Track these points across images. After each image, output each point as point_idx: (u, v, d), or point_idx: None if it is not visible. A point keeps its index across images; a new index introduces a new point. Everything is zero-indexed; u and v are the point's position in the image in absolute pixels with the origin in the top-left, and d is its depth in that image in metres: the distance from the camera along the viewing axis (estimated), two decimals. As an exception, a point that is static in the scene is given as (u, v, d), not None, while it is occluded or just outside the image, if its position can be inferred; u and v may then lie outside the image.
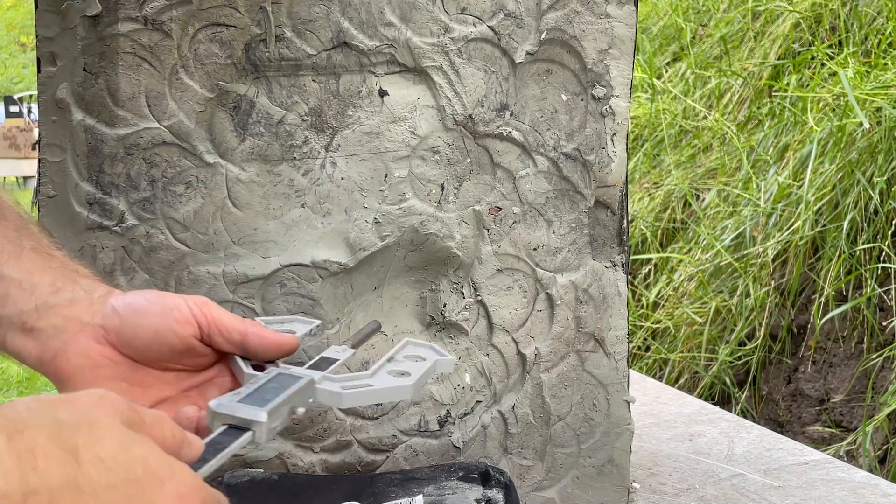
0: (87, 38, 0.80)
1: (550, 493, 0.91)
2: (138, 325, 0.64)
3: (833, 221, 1.91)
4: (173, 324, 0.64)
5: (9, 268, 0.64)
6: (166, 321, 0.64)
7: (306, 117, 0.84)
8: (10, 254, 0.65)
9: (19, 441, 0.40)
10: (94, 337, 0.64)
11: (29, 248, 0.66)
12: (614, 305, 0.90)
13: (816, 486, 0.99)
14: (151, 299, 0.65)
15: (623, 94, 0.87)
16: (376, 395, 0.67)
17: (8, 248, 0.65)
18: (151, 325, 0.64)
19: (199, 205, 0.84)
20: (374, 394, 0.66)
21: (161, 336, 0.64)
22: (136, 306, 0.64)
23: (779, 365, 2.00)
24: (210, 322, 0.65)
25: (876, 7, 2.22)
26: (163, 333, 0.64)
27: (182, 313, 0.64)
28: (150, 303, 0.65)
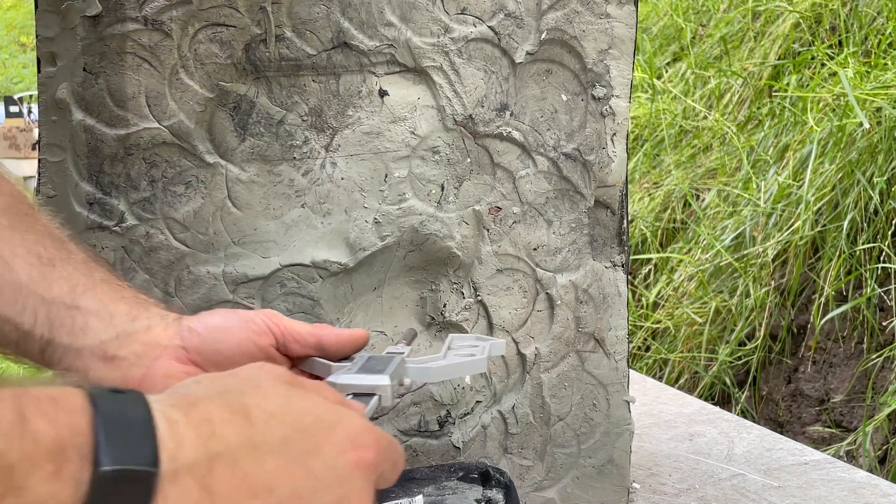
0: (87, 38, 0.80)
1: (550, 493, 0.91)
2: (219, 341, 0.66)
3: (833, 221, 1.91)
4: (252, 335, 0.67)
5: (85, 299, 0.66)
6: (246, 333, 0.67)
7: (306, 117, 0.84)
8: (85, 285, 0.66)
9: (195, 413, 0.42)
10: (175, 358, 0.66)
11: (100, 280, 0.67)
12: (614, 305, 0.90)
13: (816, 487, 0.99)
14: (227, 316, 0.68)
15: (623, 94, 0.87)
16: (459, 369, 0.71)
17: (82, 281, 0.66)
18: (233, 338, 0.66)
19: (198, 205, 0.84)
20: (456, 367, 0.71)
21: (243, 348, 0.66)
22: (213, 324, 0.67)
23: (779, 365, 2.00)
24: (283, 331, 0.68)
25: (876, 7, 2.22)
26: (244, 346, 0.66)
27: (258, 325, 0.67)
28: (227, 319, 0.67)
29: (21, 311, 0.64)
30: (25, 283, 0.64)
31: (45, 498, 0.36)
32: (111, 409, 0.39)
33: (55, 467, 0.36)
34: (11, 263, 0.64)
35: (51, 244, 0.67)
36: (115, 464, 0.37)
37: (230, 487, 0.41)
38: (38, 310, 0.64)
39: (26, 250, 0.64)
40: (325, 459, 0.45)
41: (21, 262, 0.64)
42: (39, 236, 0.66)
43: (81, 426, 0.38)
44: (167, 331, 0.66)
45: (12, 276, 0.63)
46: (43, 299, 0.64)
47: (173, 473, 0.39)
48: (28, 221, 0.66)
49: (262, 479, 0.42)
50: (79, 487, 0.37)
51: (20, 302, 0.64)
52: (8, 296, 0.64)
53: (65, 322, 0.65)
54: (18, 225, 0.65)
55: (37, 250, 0.65)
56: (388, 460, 0.49)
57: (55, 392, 0.39)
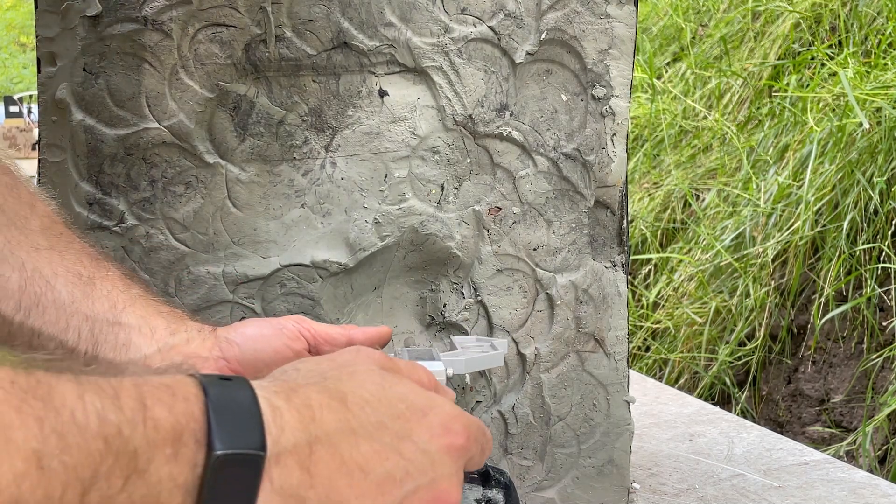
0: (87, 39, 0.80)
1: (550, 493, 0.91)
2: (258, 350, 0.70)
3: (833, 221, 1.91)
4: (287, 341, 0.70)
5: (126, 315, 0.68)
6: (281, 340, 0.70)
7: (306, 117, 0.84)
8: (125, 302, 0.69)
9: (296, 399, 0.45)
10: (217, 368, 0.69)
11: (138, 296, 0.70)
12: (614, 305, 0.90)
13: (816, 487, 0.99)
14: (261, 326, 0.72)
15: (623, 94, 0.87)
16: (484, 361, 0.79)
17: (122, 297, 0.69)
18: (269, 347, 0.70)
19: (198, 205, 0.84)
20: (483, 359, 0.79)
21: (280, 354, 0.70)
22: (249, 334, 0.70)
23: (779, 365, 2.00)
24: (314, 335, 0.72)
25: (876, 7, 2.22)
26: (281, 352, 0.70)
27: (291, 331, 0.71)
28: (261, 328, 0.71)
29: (65, 329, 0.66)
30: (68, 302, 0.66)
31: (164, 479, 0.39)
32: (220, 396, 0.42)
33: (174, 451, 0.39)
34: (53, 283, 0.66)
35: (89, 262, 0.69)
36: (226, 448, 0.40)
37: (329, 469, 0.44)
38: (81, 327, 0.67)
39: (66, 269, 0.67)
40: (418, 443, 0.48)
41: (62, 281, 0.66)
42: (77, 255, 0.68)
43: (196, 413, 0.41)
44: (205, 342, 0.70)
45: (54, 295, 0.66)
46: (86, 317, 0.67)
47: (277, 456, 0.42)
48: (65, 241, 0.69)
49: (358, 461, 0.45)
50: (195, 469, 0.40)
51: (63, 320, 0.66)
52: (52, 315, 0.66)
53: (108, 338, 0.68)
54: (57, 245, 0.67)
55: (76, 269, 0.67)
56: (478, 444, 0.52)
57: (171, 381, 0.42)
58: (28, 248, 0.65)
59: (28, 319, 0.66)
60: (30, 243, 0.66)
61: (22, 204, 0.66)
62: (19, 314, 0.65)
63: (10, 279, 0.64)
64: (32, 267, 0.65)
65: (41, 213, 0.68)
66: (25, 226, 0.66)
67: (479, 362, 0.79)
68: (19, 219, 0.66)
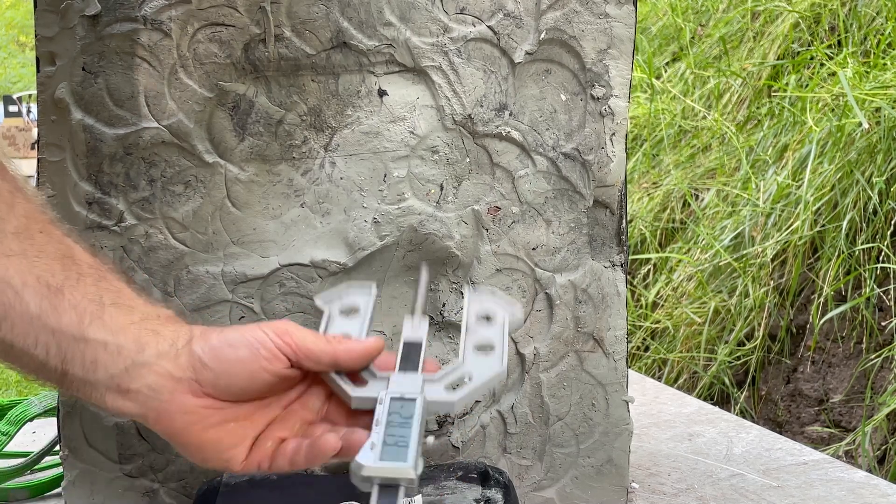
0: (86, 38, 0.80)
1: (549, 492, 0.91)
2: (230, 374, 0.66)
3: (832, 221, 1.91)
4: (263, 363, 0.66)
5: (93, 329, 0.65)
6: (257, 361, 0.66)
7: (305, 117, 0.84)
8: (93, 314, 0.65)
9: None
10: (190, 391, 0.65)
11: (109, 304, 0.66)
12: (613, 305, 0.90)
13: (815, 486, 0.99)
14: (237, 346, 0.66)
15: (622, 93, 0.87)
16: (479, 391, 0.69)
17: (90, 309, 0.65)
18: (244, 370, 0.66)
19: (197, 204, 0.84)
20: (476, 391, 0.69)
21: (255, 376, 0.66)
22: (222, 355, 0.66)
23: (778, 365, 2.00)
24: (296, 350, 0.66)
25: (875, 7, 2.22)
26: (256, 374, 0.66)
27: (269, 350, 0.66)
28: (237, 349, 0.66)
29: (34, 343, 0.64)
30: (36, 315, 0.63)
31: None
32: None
33: None
34: (22, 294, 0.63)
35: (60, 269, 0.65)
36: None
37: None
38: (48, 343, 0.64)
39: (36, 279, 0.64)
40: None
41: (31, 292, 0.63)
42: (49, 261, 0.65)
43: None
44: (178, 360, 0.66)
45: (22, 307, 0.63)
46: (52, 331, 0.64)
47: None
48: (38, 245, 0.65)
49: None
50: None
51: (32, 335, 0.64)
52: (20, 328, 0.63)
53: (75, 355, 0.65)
54: (29, 250, 0.64)
55: (46, 278, 0.64)
56: None
57: None
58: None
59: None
60: (1, 250, 0.63)
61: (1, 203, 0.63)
62: None
63: None
64: (1, 276, 0.62)
65: (20, 212, 0.65)
66: (1, 229, 0.63)
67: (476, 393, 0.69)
68: None
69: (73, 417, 0.87)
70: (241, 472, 0.68)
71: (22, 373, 0.68)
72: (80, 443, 0.87)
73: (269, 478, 0.83)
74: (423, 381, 0.68)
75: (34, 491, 1.04)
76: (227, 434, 0.67)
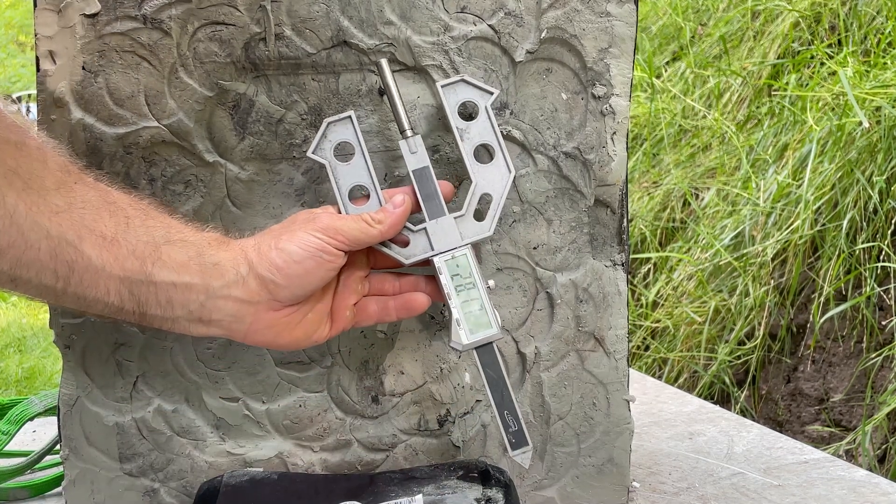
0: (85, 37, 0.80)
1: (550, 492, 0.91)
2: (303, 285, 0.73)
3: (832, 221, 1.91)
4: (328, 266, 0.73)
5: (157, 272, 0.68)
6: (322, 267, 0.73)
7: (306, 116, 0.84)
8: (152, 257, 0.69)
9: None
10: (270, 309, 0.72)
11: (164, 243, 0.70)
12: (614, 304, 0.90)
13: (816, 485, 0.99)
14: (297, 256, 0.72)
15: (623, 92, 0.87)
16: (501, 206, 0.81)
17: (147, 252, 0.68)
18: (314, 278, 0.73)
19: (198, 203, 0.84)
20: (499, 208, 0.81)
21: (324, 278, 0.74)
22: (291, 272, 0.72)
23: (778, 364, 2.00)
24: (351, 244, 0.74)
25: (875, 6, 2.22)
26: (325, 277, 0.74)
27: (329, 253, 0.73)
28: (300, 262, 0.72)
29: (105, 292, 0.67)
30: (100, 267, 0.66)
31: None
32: None
33: None
34: (81, 248, 0.65)
35: (108, 216, 0.68)
36: None
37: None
38: (120, 290, 0.67)
39: (89, 231, 0.66)
40: None
41: (88, 245, 0.65)
42: (96, 211, 0.67)
43: None
44: (249, 286, 0.71)
45: (85, 261, 0.65)
46: (120, 280, 0.67)
47: None
48: (81, 193, 0.67)
49: None
50: None
51: (102, 285, 0.66)
52: (89, 280, 0.66)
53: (149, 297, 0.68)
54: (75, 203, 0.66)
55: (99, 229, 0.66)
56: None
57: None
58: (48, 214, 0.64)
59: (69, 287, 0.65)
60: (49, 207, 0.64)
61: (34, 161, 0.64)
62: (60, 282, 0.65)
63: (40, 249, 0.63)
64: (57, 233, 0.64)
65: (54, 166, 0.66)
66: (42, 186, 0.64)
67: None
68: (35, 180, 0.64)
69: (74, 417, 0.87)
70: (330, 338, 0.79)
71: (104, 318, 0.71)
72: (81, 442, 0.87)
73: (270, 477, 0.83)
74: (456, 222, 0.79)
75: (34, 490, 1.04)
76: (309, 324, 0.76)
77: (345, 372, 0.88)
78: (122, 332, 0.85)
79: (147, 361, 0.86)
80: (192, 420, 0.88)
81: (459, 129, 0.80)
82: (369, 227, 0.75)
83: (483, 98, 0.81)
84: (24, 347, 3.87)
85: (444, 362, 0.89)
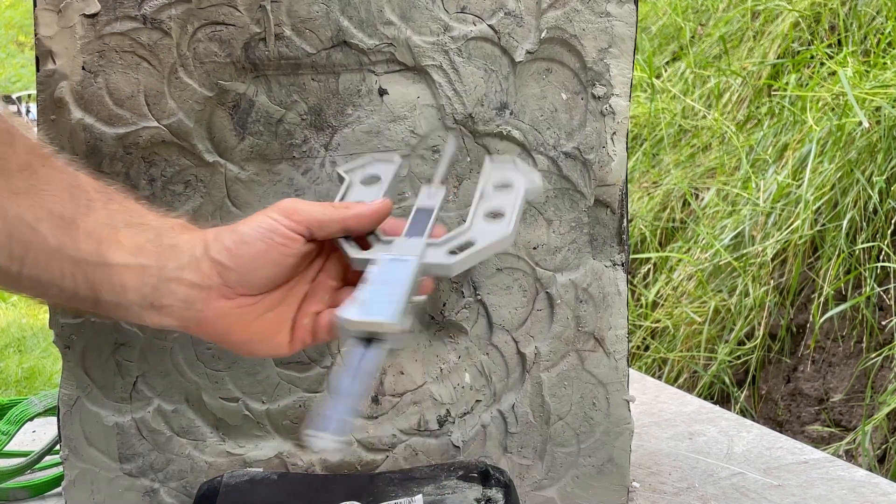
0: (85, 37, 0.80)
1: (550, 492, 0.91)
2: (254, 269, 0.68)
3: (832, 221, 1.91)
4: (281, 249, 0.69)
5: (112, 253, 0.66)
6: (274, 249, 0.68)
7: (306, 116, 0.84)
8: (109, 239, 0.67)
9: None
10: (222, 296, 0.68)
11: (123, 226, 0.68)
12: (614, 305, 0.90)
13: (816, 485, 0.99)
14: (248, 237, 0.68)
15: (623, 92, 0.87)
16: (480, 255, 0.69)
17: (105, 233, 0.67)
18: (265, 261, 0.68)
19: (198, 204, 0.84)
20: (478, 254, 0.69)
21: (278, 263, 0.69)
22: (240, 253, 0.68)
23: (778, 364, 2.00)
24: (308, 224, 0.69)
25: (875, 6, 2.22)
26: (278, 261, 0.69)
27: (281, 234, 0.68)
28: (250, 242, 0.68)
29: (60, 276, 0.65)
30: (56, 248, 0.64)
31: None
32: None
33: None
34: (38, 228, 0.64)
35: (69, 199, 0.66)
36: None
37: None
38: (74, 273, 0.65)
39: (48, 212, 0.64)
40: None
41: (45, 226, 0.64)
42: (58, 192, 0.66)
43: None
44: (201, 269, 0.68)
45: (41, 241, 0.64)
46: (76, 262, 0.65)
47: None
48: (44, 176, 0.66)
49: None
50: None
51: (57, 267, 0.65)
52: (43, 262, 0.64)
53: (103, 281, 0.66)
54: (36, 184, 0.65)
55: (58, 210, 0.65)
56: None
57: None
58: (7, 194, 0.63)
59: (24, 269, 0.64)
60: (9, 188, 0.63)
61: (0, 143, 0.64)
62: (14, 264, 0.64)
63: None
64: (14, 214, 0.63)
65: (21, 148, 0.65)
66: (4, 167, 0.63)
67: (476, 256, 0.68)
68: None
69: (74, 417, 0.87)
70: (289, 355, 0.72)
71: (58, 305, 0.69)
72: (81, 442, 0.87)
73: (270, 477, 0.83)
74: (426, 246, 0.69)
75: (34, 490, 1.04)
76: (268, 324, 0.70)
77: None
78: (122, 333, 0.85)
79: (147, 361, 0.86)
80: (191, 420, 0.88)
81: (485, 193, 0.74)
82: (332, 210, 0.71)
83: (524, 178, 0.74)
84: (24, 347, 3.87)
85: (444, 362, 0.89)
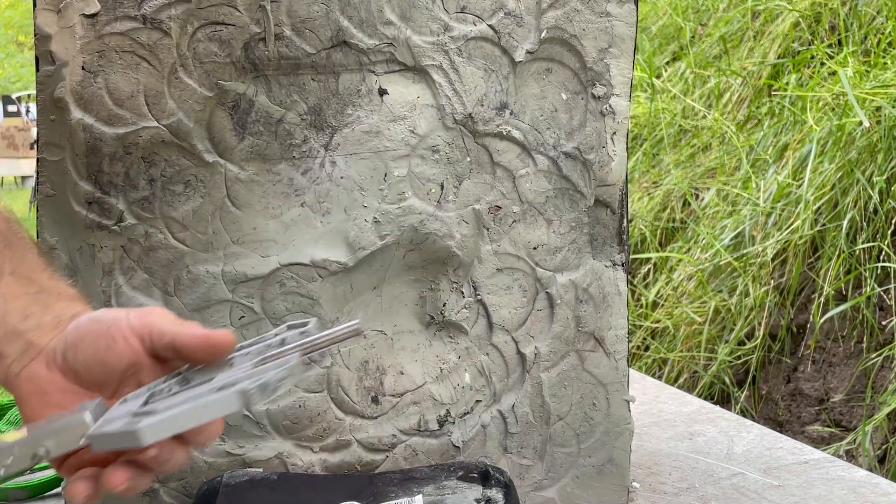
0: (85, 37, 0.80)
1: (550, 492, 0.91)
2: (79, 349, 0.62)
3: (832, 221, 1.91)
4: (110, 342, 0.61)
5: None
6: (104, 341, 0.61)
7: (305, 116, 0.84)
8: None
9: None
10: (45, 362, 0.63)
11: (8, 273, 0.65)
12: (614, 305, 0.90)
13: (816, 485, 0.99)
14: (95, 318, 0.62)
15: (623, 92, 0.87)
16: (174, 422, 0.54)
17: None
18: (90, 347, 0.61)
19: (198, 204, 0.84)
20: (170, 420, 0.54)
21: (99, 357, 0.61)
22: (82, 330, 0.62)
23: (778, 364, 2.00)
24: (151, 331, 0.61)
25: (875, 6, 2.22)
26: (101, 354, 0.61)
27: (120, 328, 0.61)
28: (90, 322, 0.62)
29: None
30: None
31: None
32: None
33: None
34: None
35: None
36: None
37: None
38: None
39: None
40: None
41: None
42: None
43: None
44: (54, 331, 0.63)
45: None
46: None
47: None
48: None
49: None
50: None
51: None
52: None
53: None
54: None
55: None
56: None
57: None
58: None
59: None
60: None
61: None
62: None
63: None
64: None
65: None
66: None
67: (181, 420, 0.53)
68: None
69: (73, 417, 0.87)
70: None
71: None
72: (80, 443, 0.87)
73: (269, 477, 0.83)
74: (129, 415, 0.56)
75: (34, 491, 1.04)
76: (69, 402, 0.62)
77: (344, 372, 0.88)
78: (122, 333, 0.85)
79: (147, 362, 0.86)
80: (191, 420, 0.87)
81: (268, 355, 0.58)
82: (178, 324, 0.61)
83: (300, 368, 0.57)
84: (24, 347, 3.86)
85: (444, 363, 0.89)
